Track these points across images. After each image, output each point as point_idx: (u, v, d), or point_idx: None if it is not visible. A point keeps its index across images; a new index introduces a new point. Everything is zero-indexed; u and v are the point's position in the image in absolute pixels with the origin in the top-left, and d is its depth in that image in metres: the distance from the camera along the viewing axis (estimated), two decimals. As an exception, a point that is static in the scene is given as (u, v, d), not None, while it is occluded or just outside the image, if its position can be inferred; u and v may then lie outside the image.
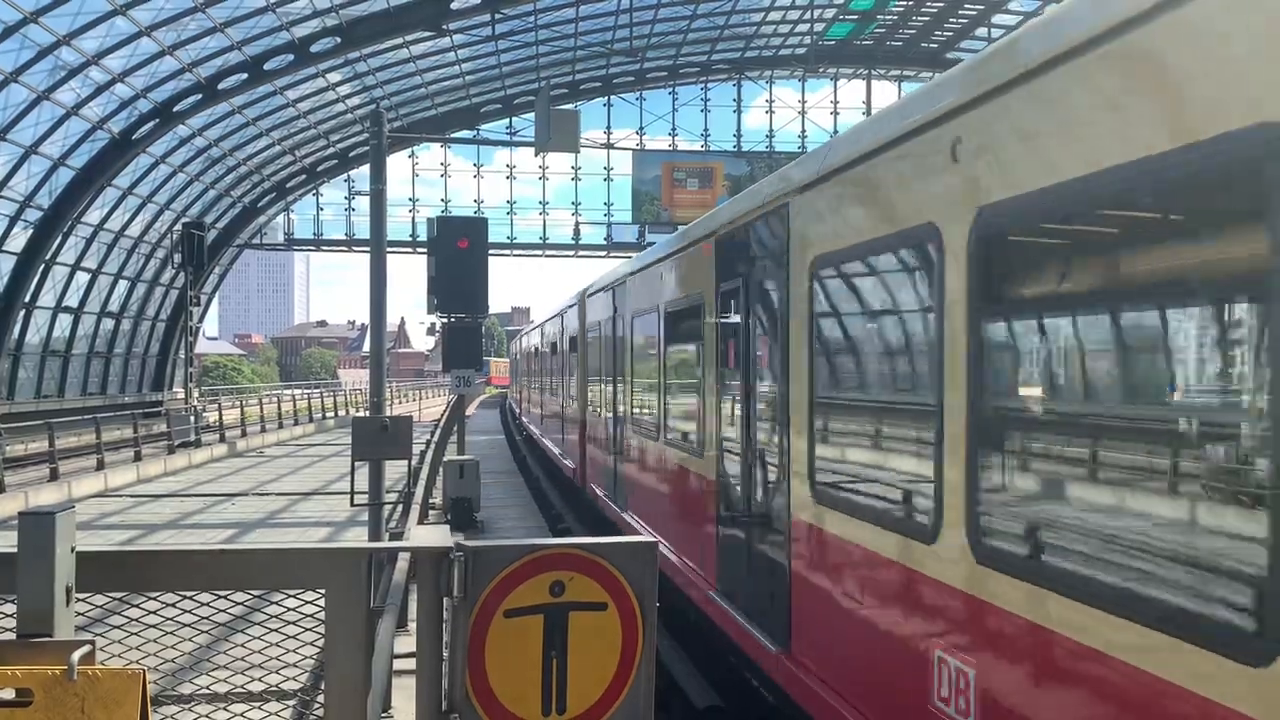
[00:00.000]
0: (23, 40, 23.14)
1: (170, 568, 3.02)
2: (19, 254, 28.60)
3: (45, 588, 2.75)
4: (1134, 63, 3.04)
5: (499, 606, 3.15)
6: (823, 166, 5.42)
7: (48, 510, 2.80)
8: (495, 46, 35.39)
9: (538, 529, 15.53)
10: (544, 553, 3.21)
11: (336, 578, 3.03)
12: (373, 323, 11.88)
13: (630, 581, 3.26)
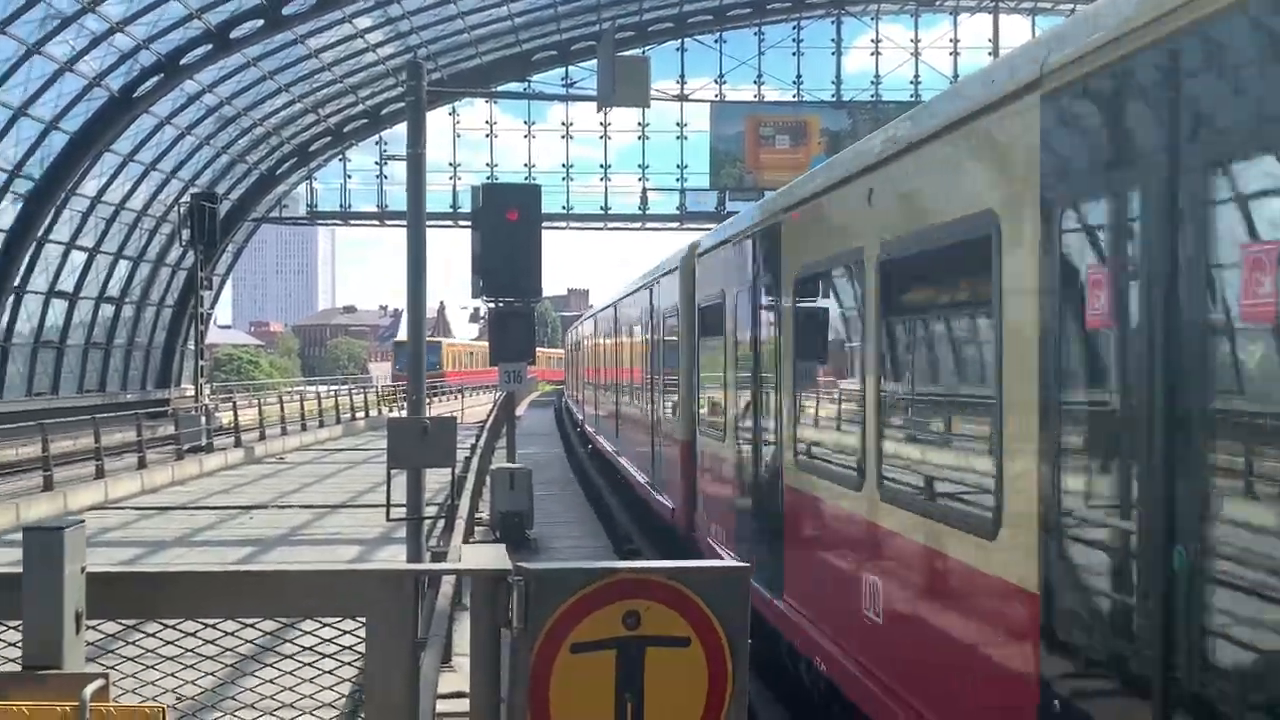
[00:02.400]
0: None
1: (191, 591, 3.11)
2: (7, 231, 29.60)
3: (53, 613, 2.86)
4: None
5: (565, 639, 3.18)
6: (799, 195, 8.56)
7: (55, 526, 2.90)
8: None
9: (602, 550, 15.64)
10: (616, 578, 3.23)
11: (379, 604, 3.09)
12: (410, 308, 12.07)
13: (718, 614, 3.27)
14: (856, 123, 41.64)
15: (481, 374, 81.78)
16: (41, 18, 25.66)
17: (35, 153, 29.27)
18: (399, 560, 13.79)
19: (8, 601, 2.99)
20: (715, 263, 11.68)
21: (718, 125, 41.67)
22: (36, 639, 2.87)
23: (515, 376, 17.22)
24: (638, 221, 44.55)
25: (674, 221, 44.25)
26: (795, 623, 8.12)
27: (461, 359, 78.55)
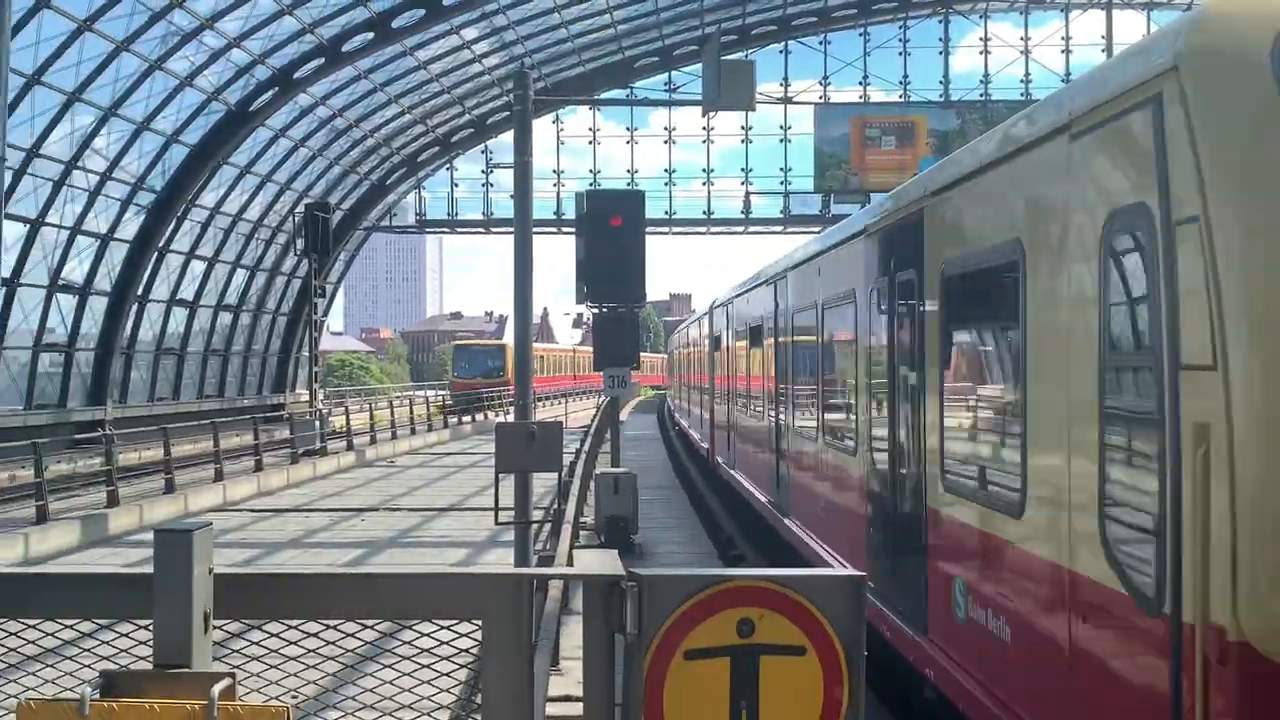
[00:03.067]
0: (134, 5, 24.83)
1: (314, 592, 3.17)
2: (131, 241, 30.72)
3: (182, 613, 2.94)
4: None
5: (678, 646, 3.17)
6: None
7: (184, 528, 2.99)
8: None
9: (706, 556, 15.59)
10: (730, 585, 3.21)
11: (496, 607, 3.12)
12: (517, 313, 12.19)
13: (833, 622, 3.23)
14: (965, 123, 40.92)
15: (555, 380, 75.73)
16: (163, 35, 26.61)
17: (157, 165, 30.34)
18: (506, 564, 13.95)
19: (140, 601, 3.09)
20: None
21: (822, 127, 41.31)
22: (166, 638, 2.96)
23: (619, 381, 17.27)
24: (741, 225, 44.43)
25: (777, 225, 44.00)
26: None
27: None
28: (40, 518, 17.27)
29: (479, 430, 43.99)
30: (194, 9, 26.06)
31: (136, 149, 29.16)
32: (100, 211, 29.02)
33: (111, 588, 3.32)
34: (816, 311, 11.67)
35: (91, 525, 17.82)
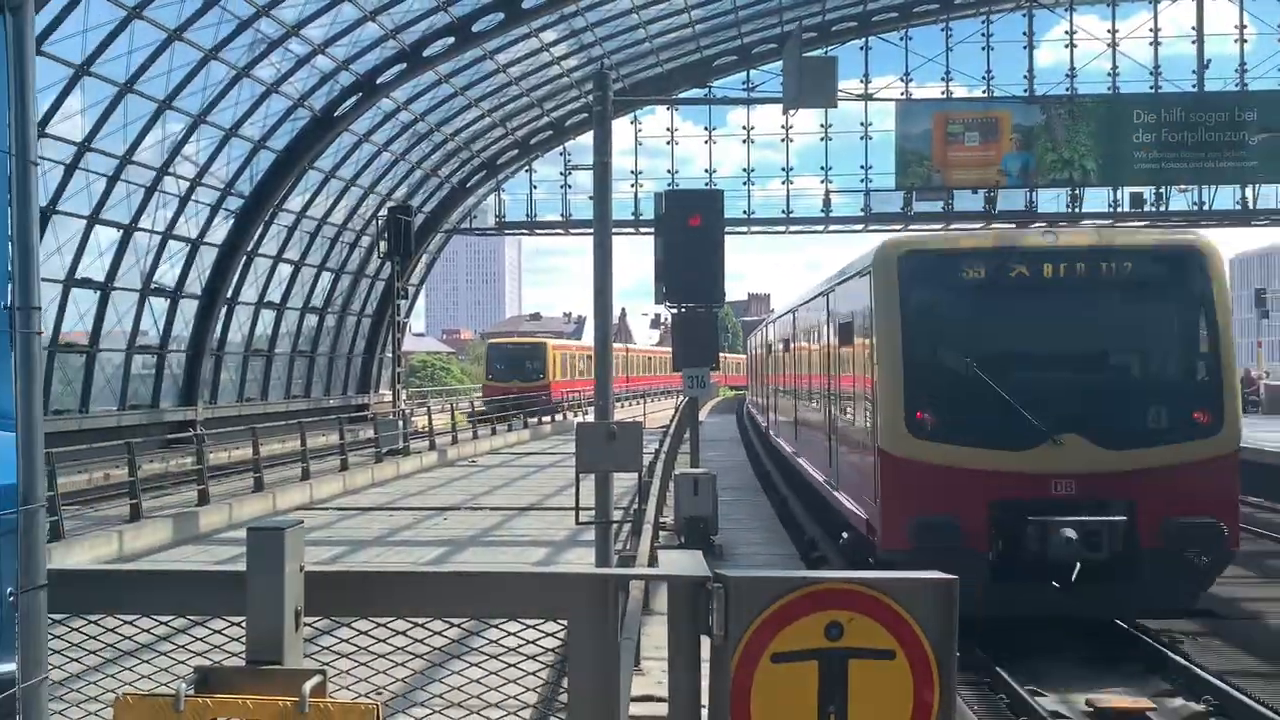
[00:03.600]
0: (222, 14, 25.38)
1: (404, 590, 3.21)
2: (220, 245, 31.42)
3: (275, 610, 2.98)
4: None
5: (765, 649, 3.14)
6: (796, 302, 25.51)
7: (276, 526, 3.03)
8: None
9: (788, 558, 15.49)
10: (818, 587, 3.17)
11: (583, 607, 3.12)
12: (597, 314, 12.19)
13: (924, 626, 3.18)
14: (1050, 118, 40.17)
15: (632, 381, 69.17)
16: (250, 42, 27.14)
17: (244, 171, 30.97)
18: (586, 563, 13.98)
19: (232, 598, 3.14)
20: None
21: (904, 124, 40.79)
22: (259, 635, 3.00)
23: (698, 381, 17.22)
24: (820, 224, 44.05)
25: (858, 223, 43.55)
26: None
27: (575, 366, 61.53)
28: (134, 516, 17.71)
29: (558, 430, 44.23)
30: (280, 16, 26.56)
31: (225, 155, 29.80)
32: (190, 216, 29.71)
33: (205, 585, 3.38)
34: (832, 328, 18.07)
35: (183, 523, 18.23)
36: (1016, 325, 13.59)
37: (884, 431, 13.24)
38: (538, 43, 35.16)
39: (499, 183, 45.26)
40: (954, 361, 13.41)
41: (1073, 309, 13.30)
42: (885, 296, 13.43)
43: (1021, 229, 21.65)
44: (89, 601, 3.38)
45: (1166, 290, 13.60)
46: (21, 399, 2.40)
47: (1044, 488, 12.60)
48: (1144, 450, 12.72)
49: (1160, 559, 12.36)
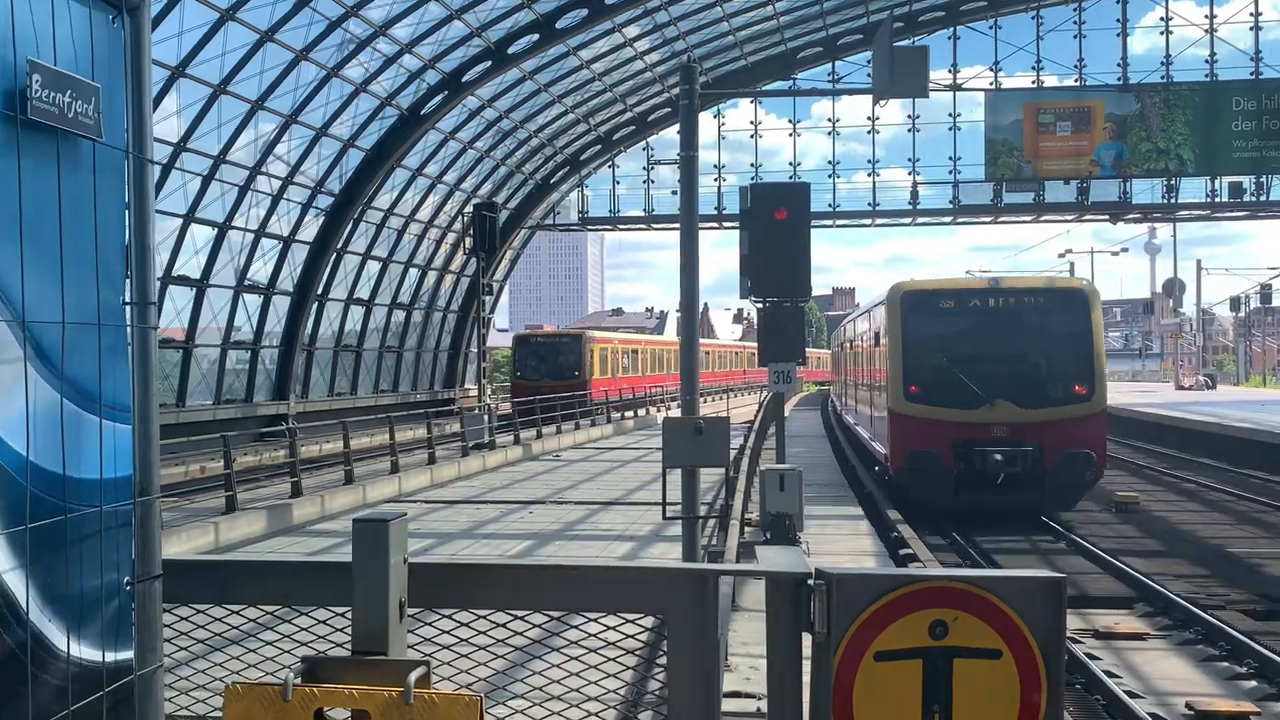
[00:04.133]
0: (311, 15, 25.82)
1: (504, 583, 3.22)
2: (311, 243, 32.02)
3: (379, 601, 3.01)
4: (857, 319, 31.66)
5: (868, 647, 3.09)
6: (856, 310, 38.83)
7: (381, 518, 3.06)
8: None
9: (875, 556, 15.32)
10: (923, 585, 3.11)
11: (682, 602, 3.11)
12: (684, 308, 12.20)
13: (1030, 625, 3.11)
14: (1145, 106, 39.16)
15: (713, 376, 64.42)
16: (339, 43, 27.58)
17: (334, 170, 31.50)
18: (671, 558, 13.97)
19: (337, 588, 3.18)
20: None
21: (993, 114, 40.07)
22: (364, 625, 3.03)
23: (784, 377, 17.10)
24: (908, 217, 43.47)
25: (946, 215, 42.91)
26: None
27: (619, 361, 53.85)
28: (229, 507, 18.12)
29: (641, 425, 44.31)
30: (369, 16, 26.95)
31: (315, 154, 30.34)
32: (282, 215, 30.31)
33: (310, 575, 3.43)
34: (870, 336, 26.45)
35: (276, 514, 18.62)
36: (970, 335, 21.96)
37: (892, 399, 22.15)
38: (621, 38, 35.21)
39: (582, 178, 45.43)
40: (933, 357, 21.75)
41: (1005, 325, 21.81)
42: (893, 318, 22.42)
43: (973, 277, 30.36)
44: (196, 591, 3.45)
45: (1062, 315, 21.82)
46: (138, 392, 2.46)
47: (986, 431, 20.92)
48: (1047, 409, 20.99)
49: (1056, 476, 20.57)
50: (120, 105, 2.42)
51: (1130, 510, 22.57)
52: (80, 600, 2.41)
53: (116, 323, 2.46)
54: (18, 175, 2.15)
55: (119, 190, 2.45)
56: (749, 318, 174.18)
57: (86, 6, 2.35)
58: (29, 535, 2.22)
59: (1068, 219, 45.85)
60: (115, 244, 2.45)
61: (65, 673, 2.36)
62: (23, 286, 2.19)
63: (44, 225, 2.25)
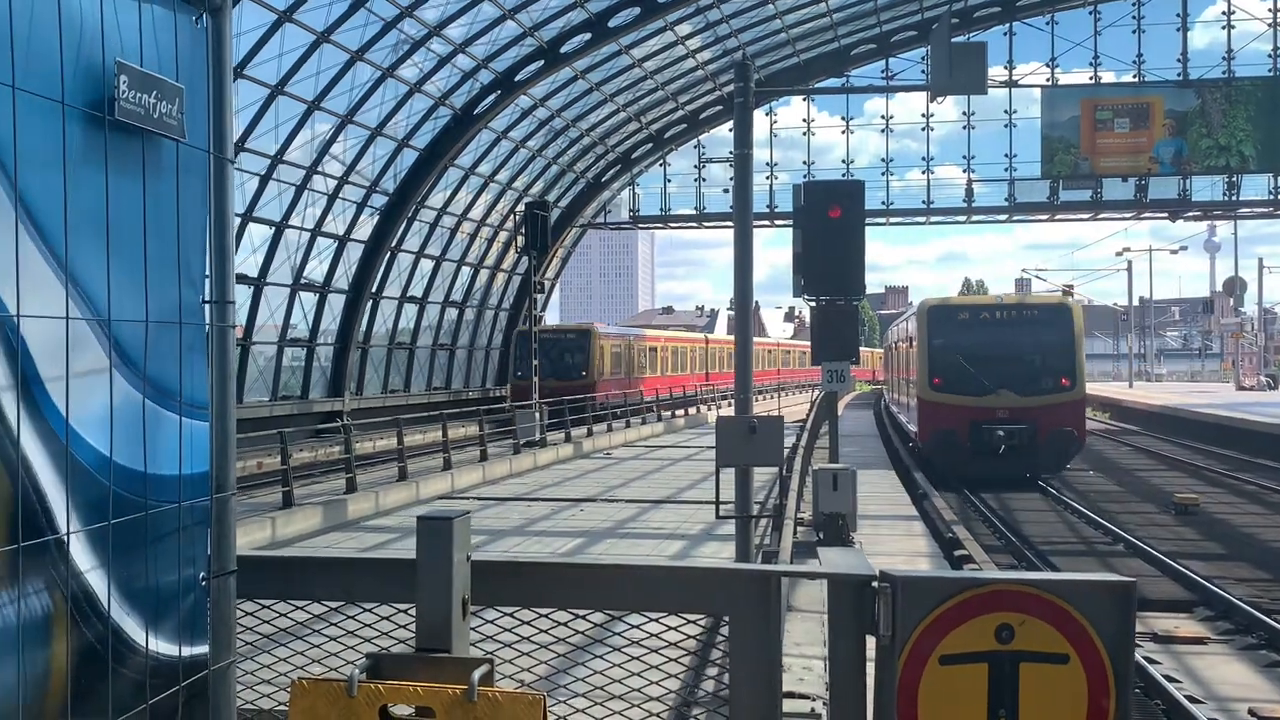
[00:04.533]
0: (367, 16, 26.06)
1: (565, 581, 3.23)
2: (366, 241, 32.34)
3: (443, 598, 3.03)
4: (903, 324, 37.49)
5: (933, 651, 3.06)
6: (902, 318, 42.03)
7: (445, 515, 3.07)
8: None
9: (930, 557, 15.20)
10: (989, 588, 3.08)
11: (743, 603, 3.10)
12: (737, 306, 12.18)
13: (1100, 631, 3.06)
14: (1206, 102, 38.48)
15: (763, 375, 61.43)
16: (394, 43, 27.83)
17: (389, 169, 31.80)
18: (722, 558, 13.94)
19: (400, 585, 3.21)
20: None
21: (1049, 111, 39.57)
22: (428, 622, 3.05)
23: (838, 376, 16.99)
24: (963, 214, 43.05)
25: (1002, 213, 42.45)
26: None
27: (634, 359, 48.92)
28: (286, 503, 18.32)
29: (692, 424, 44.26)
30: (423, 17, 27.16)
31: (370, 154, 30.63)
32: (338, 214, 30.64)
33: (374, 571, 3.45)
34: (906, 340, 32.06)
35: (332, 510, 18.81)
36: (980, 339, 27.56)
37: (920, 389, 28.44)
38: (673, 36, 35.19)
39: (633, 176, 45.47)
40: (951, 356, 27.52)
41: (1007, 332, 27.58)
42: (921, 326, 28.81)
43: (983, 295, 43.17)
44: (260, 585, 3.48)
45: (1050, 325, 27.65)
46: (216, 390, 2.49)
47: (992, 414, 26.66)
48: (1039, 396, 26.78)
49: (1046, 448, 26.47)
50: (199, 106, 2.46)
51: (1190, 512, 22.23)
52: (158, 595, 2.44)
53: (195, 321, 2.49)
54: (104, 176, 2.20)
55: (199, 190, 2.48)
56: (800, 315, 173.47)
57: (171, 8, 2.39)
58: (110, 532, 2.26)
59: (1125, 217, 45.20)
60: (195, 243, 2.49)
61: (143, 667, 2.40)
62: (108, 286, 2.23)
63: (127, 225, 2.29)
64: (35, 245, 2.08)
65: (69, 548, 2.17)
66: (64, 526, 2.16)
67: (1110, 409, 57.89)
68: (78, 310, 2.17)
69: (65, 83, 2.08)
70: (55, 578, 2.15)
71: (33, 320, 2.04)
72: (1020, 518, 21.55)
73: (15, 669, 2.04)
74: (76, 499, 2.18)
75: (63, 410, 2.14)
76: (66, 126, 2.10)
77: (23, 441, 2.06)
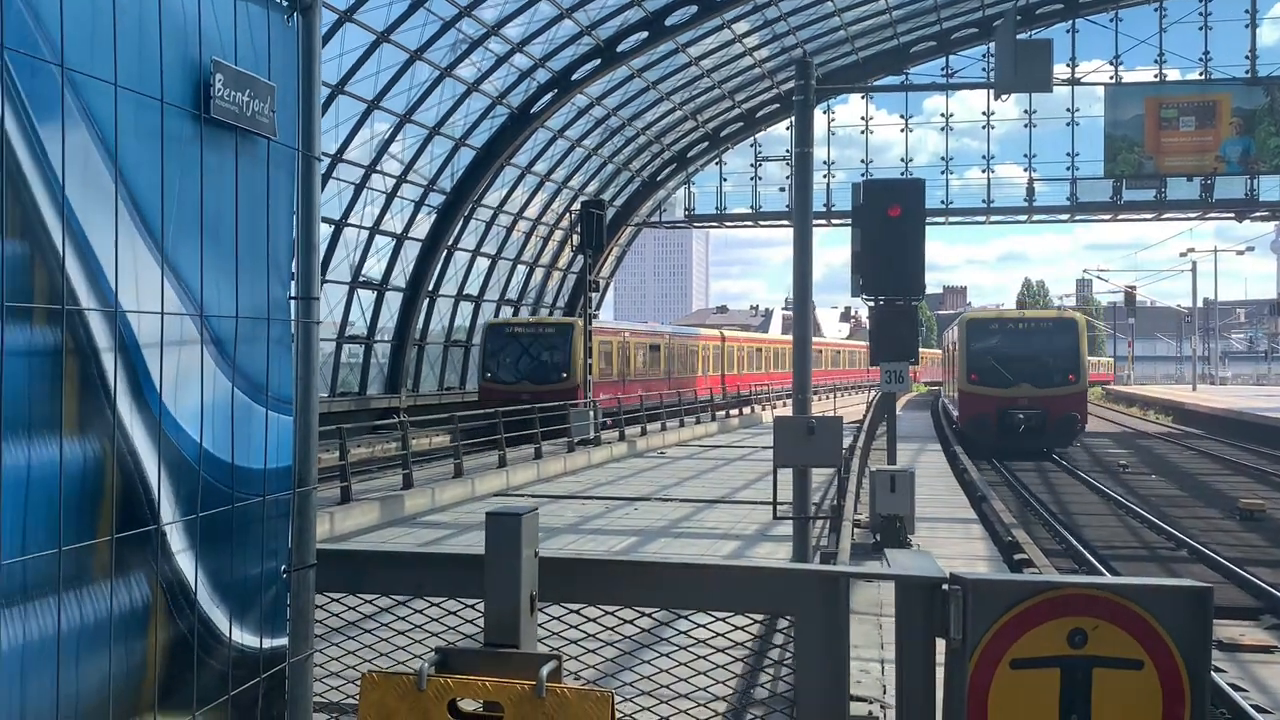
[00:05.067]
0: (426, 16, 26.29)
1: (633, 580, 3.24)
2: (423, 240, 32.63)
3: (511, 594, 3.05)
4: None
5: (1004, 655, 3.04)
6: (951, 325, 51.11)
7: (513, 512, 3.10)
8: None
9: (990, 560, 15.03)
10: (1061, 593, 3.05)
11: (812, 604, 3.09)
12: (796, 305, 12.13)
13: (1175, 637, 3.02)
14: (1275, 100, 37.69)
15: (673, 386, 44.24)
16: (452, 43, 28.06)
17: (446, 168, 32.06)
18: (778, 558, 13.89)
19: (468, 580, 3.24)
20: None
21: (1113, 109, 38.97)
22: (496, 619, 3.07)
23: (897, 376, 16.87)
24: (1024, 214, 42.56)
25: (1064, 213, 41.91)
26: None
27: (630, 358, 42.54)
28: (344, 498, 18.51)
29: (747, 423, 44.15)
30: (481, 16, 27.34)
31: (428, 153, 30.91)
32: (395, 212, 30.95)
33: (443, 567, 3.49)
34: (952, 345, 41.14)
35: (389, 505, 18.97)
36: (1006, 344, 34.63)
37: (960, 383, 35.92)
38: (730, 34, 35.13)
39: (689, 175, 45.44)
40: (984, 358, 34.51)
41: (1027, 339, 34.67)
42: (961, 334, 36.44)
43: (1008, 310, 49.35)
44: (330, 579, 3.53)
45: (1060, 333, 35.02)
46: (301, 385, 2.53)
47: (1014, 402, 33.60)
48: (1051, 388, 33.67)
49: (1055, 429, 33.72)
50: (288, 104, 2.50)
51: (1256, 518, 21.81)
52: (242, 587, 2.49)
53: (282, 317, 2.54)
54: (200, 173, 2.24)
55: (287, 187, 2.53)
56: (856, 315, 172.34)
57: (264, 6, 2.43)
58: (199, 523, 2.31)
59: (1190, 217, 44.45)
60: (282, 240, 2.53)
61: (226, 658, 2.44)
62: (201, 281, 2.28)
63: (221, 222, 2.34)
64: (140, 239, 2.14)
65: (167, 538, 2.22)
66: (162, 517, 2.21)
67: (1172, 412, 56.92)
68: (177, 304, 2.23)
69: (164, 80, 2.13)
70: (154, 568, 2.20)
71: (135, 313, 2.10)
72: (1080, 521, 21.25)
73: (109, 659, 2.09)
74: (173, 490, 2.23)
75: (164, 401, 2.20)
76: (165, 124, 2.15)
77: (130, 432, 2.12)
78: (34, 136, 1.88)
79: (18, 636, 1.86)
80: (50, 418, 1.93)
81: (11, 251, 1.84)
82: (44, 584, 1.92)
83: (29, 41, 1.87)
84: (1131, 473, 28.43)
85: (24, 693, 1.87)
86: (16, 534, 1.85)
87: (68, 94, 1.94)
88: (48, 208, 1.90)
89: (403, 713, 2.93)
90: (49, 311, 1.91)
